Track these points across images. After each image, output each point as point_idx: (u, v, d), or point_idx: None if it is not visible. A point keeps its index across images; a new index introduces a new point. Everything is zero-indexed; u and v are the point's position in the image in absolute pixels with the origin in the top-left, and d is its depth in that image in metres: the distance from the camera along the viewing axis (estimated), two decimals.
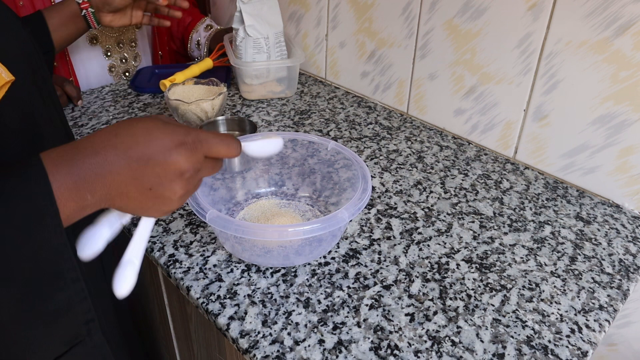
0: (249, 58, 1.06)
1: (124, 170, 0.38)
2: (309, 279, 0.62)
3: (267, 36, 1.05)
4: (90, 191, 0.37)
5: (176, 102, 0.89)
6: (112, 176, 0.38)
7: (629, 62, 0.70)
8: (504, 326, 0.57)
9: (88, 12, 0.83)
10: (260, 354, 0.52)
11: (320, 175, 0.74)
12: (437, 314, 0.58)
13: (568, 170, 0.83)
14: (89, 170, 0.37)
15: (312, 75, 1.24)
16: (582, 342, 0.55)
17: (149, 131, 0.39)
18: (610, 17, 0.70)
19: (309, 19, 1.17)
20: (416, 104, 1.02)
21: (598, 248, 0.69)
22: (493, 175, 0.85)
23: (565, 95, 0.78)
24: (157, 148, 0.39)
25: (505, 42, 0.83)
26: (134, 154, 0.38)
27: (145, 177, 0.39)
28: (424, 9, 0.93)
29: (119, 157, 0.38)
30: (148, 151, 0.39)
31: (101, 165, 0.37)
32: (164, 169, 0.39)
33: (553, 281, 0.63)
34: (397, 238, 0.69)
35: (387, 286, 0.61)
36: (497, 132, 0.90)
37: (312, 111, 1.05)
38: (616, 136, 0.75)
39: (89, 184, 0.37)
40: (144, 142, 0.39)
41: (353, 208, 0.57)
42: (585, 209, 0.77)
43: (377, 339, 0.54)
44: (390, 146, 0.93)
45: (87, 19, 0.85)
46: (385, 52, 1.03)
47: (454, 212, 0.75)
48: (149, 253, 0.66)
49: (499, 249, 0.68)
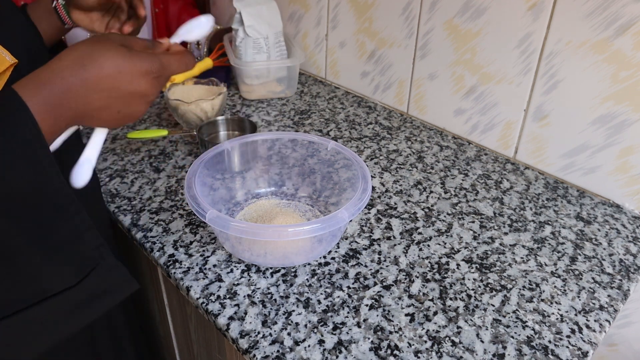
0: (249, 58, 1.06)
1: (95, 101, 0.42)
2: (309, 279, 0.62)
3: (267, 36, 1.05)
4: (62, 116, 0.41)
5: (176, 102, 0.89)
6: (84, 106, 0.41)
7: (629, 62, 0.70)
8: (504, 326, 0.57)
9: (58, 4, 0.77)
10: (260, 354, 0.52)
11: (320, 175, 0.74)
12: (437, 314, 0.58)
13: (568, 170, 0.82)
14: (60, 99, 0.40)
15: (312, 75, 1.24)
16: (583, 343, 0.55)
17: (115, 62, 0.42)
18: (611, 17, 0.70)
19: (309, 19, 1.17)
20: (416, 104, 1.02)
21: (598, 248, 0.69)
22: (493, 175, 0.85)
23: (566, 95, 0.78)
24: (124, 77, 0.42)
25: (505, 42, 0.83)
26: (103, 85, 0.41)
27: (114, 103, 0.43)
28: (424, 9, 0.93)
29: (89, 90, 0.41)
30: (117, 81, 0.42)
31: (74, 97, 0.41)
32: (132, 96, 0.43)
33: (553, 281, 0.63)
34: (397, 238, 0.69)
35: (387, 286, 0.61)
36: (497, 132, 0.90)
37: (312, 111, 1.05)
38: (616, 136, 0.75)
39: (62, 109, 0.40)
40: (113, 73, 0.41)
41: (353, 208, 0.57)
42: (586, 209, 0.77)
43: (377, 339, 0.54)
44: (390, 146, 0.93)
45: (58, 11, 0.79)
46: (385, 52, 1.03)
47: (454, 212, 0.75)
48: (148, 253, 0.66)
49: (499, 249, 0.68)
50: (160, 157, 0.87)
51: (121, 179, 0.80)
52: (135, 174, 0.82)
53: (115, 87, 0.42)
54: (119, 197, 0.76)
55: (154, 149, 0.89)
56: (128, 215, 0.72)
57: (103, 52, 0.42)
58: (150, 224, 0.70)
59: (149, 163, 0.85)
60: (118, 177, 0.81)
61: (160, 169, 0.83)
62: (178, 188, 0.78)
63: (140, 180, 0.80)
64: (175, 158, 0.86)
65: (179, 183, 0.79)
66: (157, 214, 0.72)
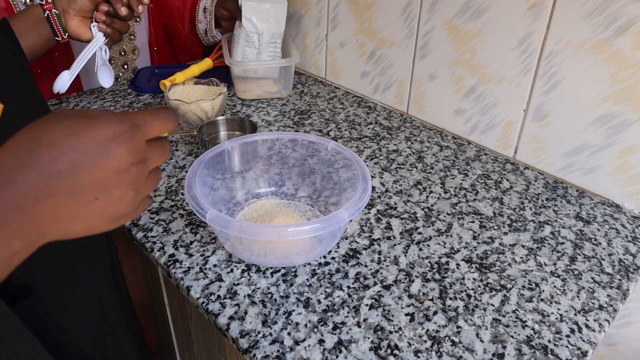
0: (239, 49, 1.06)
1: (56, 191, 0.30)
2: (309, 279, 0.62)
3: (262, 33, 1.05)
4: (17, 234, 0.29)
5: (176, 102, 0.89)
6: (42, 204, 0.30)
7: (629, 62, 0.70)
8: (503, 326, 0.57)
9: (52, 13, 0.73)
10: (260, 354, 0.52)
11: (320, 175, 0.74)
12: (437, 313, 0.58)
13: (568, 170, 0.83)
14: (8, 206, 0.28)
15: (312, 75, 1.24)
16: (582, 342, 0.55)
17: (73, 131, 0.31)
18: (610, 17, 0.70)
19: (309, 19, 1.17)
20: (416, 104, 1.02)
21: (598, 248, 0.69)
22: (493, 175, 0.85)
23: (565, 95, 0.78)
24: (88, 149, 0.31)
25: (505, 42, 0.83)
26: (63, 167, 0.30)
27: (85, 188, 0.31)
28: (424, 9, 0.93)
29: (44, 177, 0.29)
30: (79, 156, 0.31)
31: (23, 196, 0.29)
32: (102, 171, 0.32)
33: (553, 281, 0.63)
34: (397, 238, 0.69)
35: (387, 286, 0.61)
36: (497, 132, 0.90)
37: (312, 111, 1.05)
38: (616, 136, 0.75)
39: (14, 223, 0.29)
40: (71, 147, 0.30)
41: (353, 208, 0.57)
42: (585, 209, 0.77)
43: (377, 339, 0.54)
44: (390, 146, 0.93)
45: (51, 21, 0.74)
46: (385, 52, 1.03)
47: (454, 212, 0.75)
48: (149, 253, 0.66)
49: (499, 249, 0.68)
50: None
51: None
52: None
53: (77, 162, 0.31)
54: None
55: None
56: None
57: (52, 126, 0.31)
58: (151, 223, 0.70)
59: None
60: None
61: (160, 169, 0.83)
62: (178, 188, 0.78)
63: None
64: (175, 158, 0.87)
65: (179, 183, 0.80)
66: (157, 214, 0.72)
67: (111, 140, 0.32)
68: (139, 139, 0.34)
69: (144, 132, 0.35)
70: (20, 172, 0.29)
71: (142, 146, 0.35)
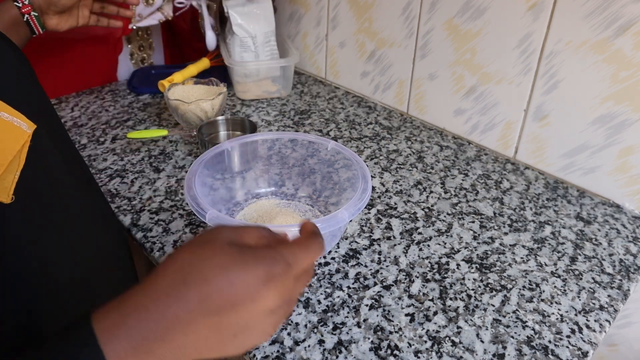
0: (237, 57, 1.07)
1: (201, 327, 0.31)
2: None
3: (255, 35, 1.05)
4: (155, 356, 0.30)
5: (176, 102, 0.89)
6: (185, 336, 0.31)
7: (629, 62, 0.70)
8: (504, 326, 0.57)
9: (31, 16, 0.73)
10: (260, 354, 0.52)
11: (320, 175, 0.74)
12: (437, 314, 0.58)
13: (568, 170, 0.82)
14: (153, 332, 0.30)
15: (312, 75, 1.24)
16: (583, 343, 0.55)
17: (225, 270, 0.31)
18: (610, 17, 0.70)
19: (309, 19, 1.17)
20: (416, 104, 1.02)
21: (598, 248, 0.69)
22: (493, 175, 0.85)
23: (566, 95, 0.78)
24: (241, 291, 0.31)
25: (505, 42, 0.83)
26: (212, 305, 0.31)
27: (229, 326, 0.32)
28: (424, 9, 0.93)
29: (193, 313, 0.30)
30: (230, 297, 0.31)
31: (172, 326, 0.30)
32: (251, 313, 0.32)
33: (553, 281, 0.63)
34: (397, 238, 0.69)
35: (387, 286, 0.61)
36: (497, 132, 0.90)
37: (312, 111, 1.05)
38: (616, 136, 0.75)
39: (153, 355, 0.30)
40: (224, 286, 0.31)
41: (353, 208, 0.57)
42: (586, 209, 0.77)
43: (377, 339, 0.54)
44: (390, 146, 0.93)
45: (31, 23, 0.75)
46: (385, 52, 1.03)
47: (454, 212, 0.75)
48: (148, 253, 0.66)
49: (499, 249, 0.68)
50: (160, 157, 0.87)
51: (121, 179, 0.80)
52: (135, 174, 0.82)
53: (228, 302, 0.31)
54: (118, 197, 0.76)
55: (154, 149, 0.89)
56: (128, 215, 0.72)
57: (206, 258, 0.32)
58: (150, 224, 0.70)
59: (149, 163, 0.85)
60: (118, 177, 0.81)
61: (160, 169, 0.83)
62: (178, 188, 0.78)
63: (140, 180, 0.80)
64: (175, 158, 0.86)
65: (179, 183, 0.79)
66: (157, 214, 0.72)
67: (263, 284, 0.32)
68: (289, 281, 0.33)
69: (296, 271, 0.34)
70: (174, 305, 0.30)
71: (291, 286, 0.34)
